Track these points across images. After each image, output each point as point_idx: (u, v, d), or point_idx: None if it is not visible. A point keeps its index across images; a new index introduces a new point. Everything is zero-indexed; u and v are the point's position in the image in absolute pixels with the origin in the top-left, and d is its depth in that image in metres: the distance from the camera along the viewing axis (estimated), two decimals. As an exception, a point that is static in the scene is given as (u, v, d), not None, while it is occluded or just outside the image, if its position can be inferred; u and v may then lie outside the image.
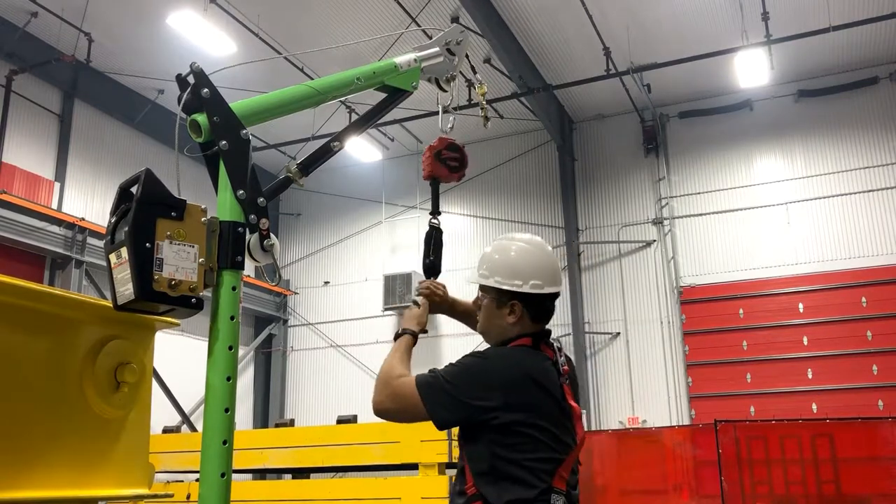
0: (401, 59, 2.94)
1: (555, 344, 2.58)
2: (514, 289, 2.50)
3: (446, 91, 3.19)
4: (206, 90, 2.18)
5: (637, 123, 14.32)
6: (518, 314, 2.50)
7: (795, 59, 12.57)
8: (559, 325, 13.54)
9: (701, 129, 14.01)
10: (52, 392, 2.03)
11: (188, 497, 6.50)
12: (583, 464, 2.68)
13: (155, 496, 2.29)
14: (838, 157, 13.02)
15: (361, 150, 14.91)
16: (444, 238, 3.06)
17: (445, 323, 13.11)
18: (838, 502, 7.72)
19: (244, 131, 2.25)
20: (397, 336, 2.71)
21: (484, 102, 3.39)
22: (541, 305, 2.54)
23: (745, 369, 12.63)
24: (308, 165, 2.53)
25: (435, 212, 3.08)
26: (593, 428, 12.92)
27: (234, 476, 2.11)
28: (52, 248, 11.39)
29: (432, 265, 3.01)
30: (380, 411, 2.44)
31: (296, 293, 16.49)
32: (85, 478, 2.06)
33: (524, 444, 2.37)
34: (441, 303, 2.96)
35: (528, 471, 2.37)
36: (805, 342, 12.36)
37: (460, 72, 3.30)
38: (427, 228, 3.05)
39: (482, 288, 2.61)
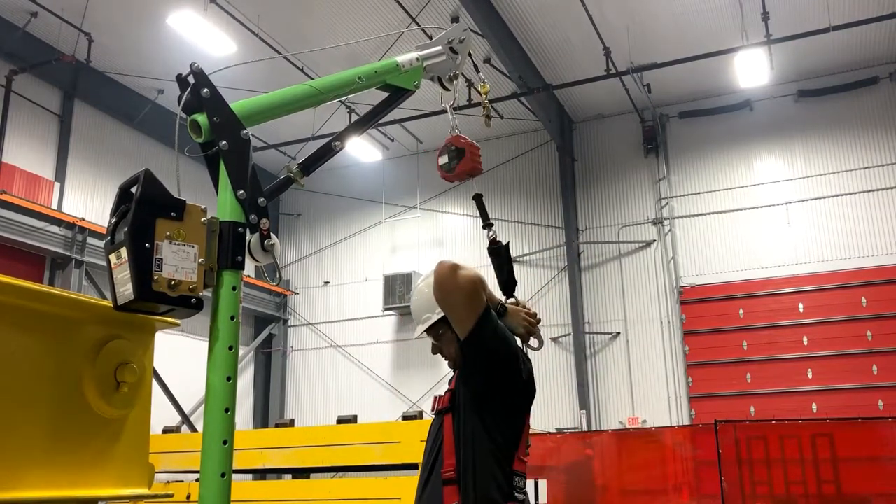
0: (403, 58, 2.92)
1: None
2: None
3: (449, 90, 3.18)
4: (206, 90, 2.18)
5: (637, 123, 14.31)
6: None
7: (795, 59, 12.56)
8: (559, 325, 13.55)
9: (701, 129, 14.01)
10: (51, 392, 2.03)
11: (188, 497, 6.51)
12: (582, 464, 2.74)
13: (155, 496, 2.29)
14: (838, 157, 13.01)
15: (362, 150, 14.91)
16: (444, 238, 3.05)
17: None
18: (838, 502, 7.70)
19: (244, 131, 2.24)
20: None
21: (486, 101, 3.39)
22: None
23: (745, 369, 12.62)
24: (309, 165, 2.52)
25: (486, 225, 3.02)
26: (593, 428, 12.92)
27: (234, 476, 2.11)
28: (52, 248, 11.39)
29: (508, 284, 2.95)
30: (444, 275, 2.46)
31: (296, 293, 16.49)
32: (85, 478, 2.06)
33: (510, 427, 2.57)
34: None
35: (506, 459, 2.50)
36: (805, 342, 12.36)
37: (459, 71, 3.29)
38: (489, 246, 2.97)
39: (432, 332, 2.77)
